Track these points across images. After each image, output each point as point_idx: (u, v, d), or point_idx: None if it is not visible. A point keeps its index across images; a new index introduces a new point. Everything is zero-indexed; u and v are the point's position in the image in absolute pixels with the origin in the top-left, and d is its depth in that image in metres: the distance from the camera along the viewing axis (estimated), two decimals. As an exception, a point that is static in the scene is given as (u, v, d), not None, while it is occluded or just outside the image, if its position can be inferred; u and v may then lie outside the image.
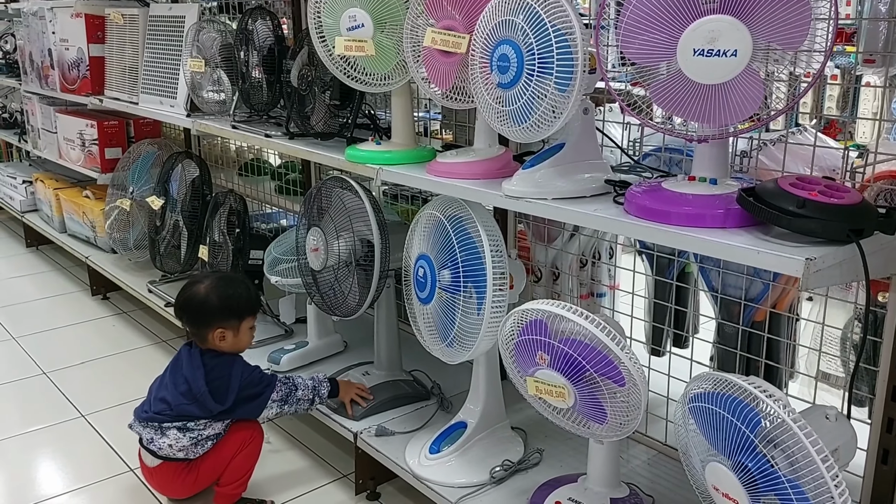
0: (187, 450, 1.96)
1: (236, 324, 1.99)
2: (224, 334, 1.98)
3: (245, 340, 2.03)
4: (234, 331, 1.99)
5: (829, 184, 1.23)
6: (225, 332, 1.98)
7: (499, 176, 1.68)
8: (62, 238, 4.01)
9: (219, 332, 1.97)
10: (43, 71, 3.91)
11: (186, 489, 2.03)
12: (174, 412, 1.94)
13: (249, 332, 2.04)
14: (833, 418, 1.30)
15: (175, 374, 1.99)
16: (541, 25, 1.38)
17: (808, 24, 1.14)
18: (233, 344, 2.00)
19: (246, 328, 2.02)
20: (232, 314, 1.98)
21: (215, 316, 1.97)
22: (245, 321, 2.01)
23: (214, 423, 1.98)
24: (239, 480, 2.02)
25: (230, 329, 1.98)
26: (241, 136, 2.51)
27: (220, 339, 1.97)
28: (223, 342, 1.98)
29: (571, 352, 1.45)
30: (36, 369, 2.92)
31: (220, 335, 1.97)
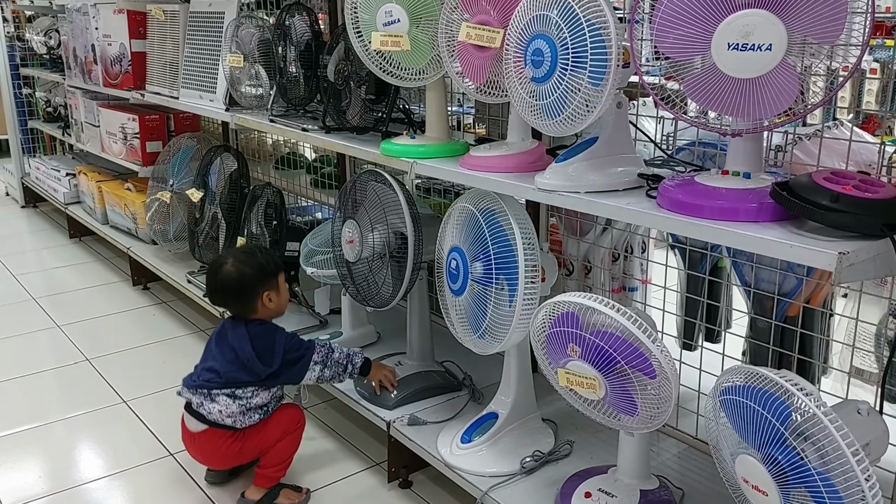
0: (235, 417, 2.00)
1: (275, 282, 2.09)
2: (270, 295, 2.07)
3: (286, 295, 2.15)
4: (276, 290, 2.09)
5: (863, 178, 1.23)
6: (270, 293, 2.07)
7: (532, 169, 1.69)
8: (104, 229, 4.11)
9: (266, 296, 2.06)
10: (86, 66, 4.01)
11: (227, 459, 2.09)
12: (223, 379, 2.00)
13: (286, 286, 2.16)
14: (865, 413, 1.30)
15: (221, 344, 2.05)
16: (575, 20, 1.39)
17: (843, 18, 1.13)
18: (278, 302, 2.10)
19: (283, 283, 2.13)
20: (270, 275, 2.08)
21: (257, 283, 2.06)
22: (280, 277, 2.11)
23: (261, 392, 2.03)
24: (281, 465, 2.08)
25: (273, 289, 2.08)
26: (278, 130, 2.56)
27: (269, 301, 2.07)
28: (271, 303, 2.08)
29: (603, 344, 1.47)
30: (79, 356, 3.01)
31: (268, 297, 2.07)
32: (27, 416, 2.56)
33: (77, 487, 2.19)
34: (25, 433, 2.47)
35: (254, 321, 2.07)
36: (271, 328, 2.08)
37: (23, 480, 2.22)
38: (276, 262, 2.12)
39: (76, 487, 2.19)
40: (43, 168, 4.95)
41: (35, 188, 5.11)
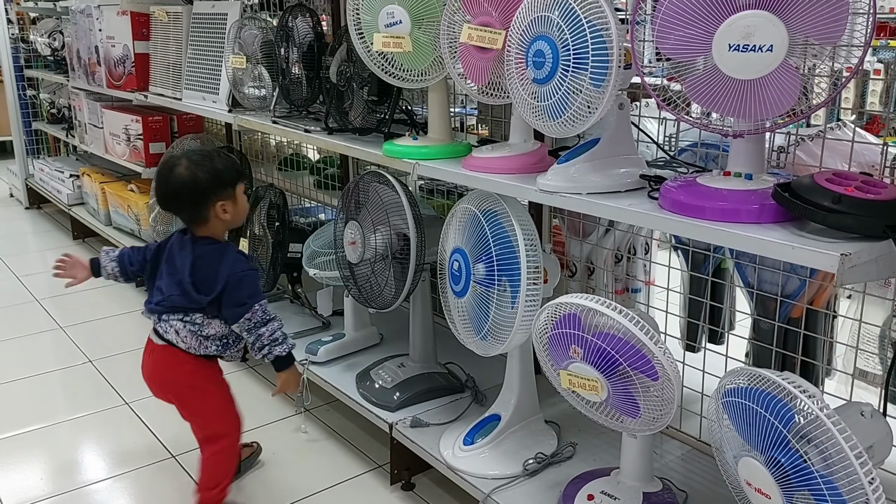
0: (189, 342, 1.91)
1: (232, 192, 1.90)
2: (225, 206, 1.89)
3: (243, 206, 1.95)
4: (232, 200, 1.90)
5: (865, 179, 1.22)
6: (225, 203, 1.88)
7: (534, 171, 1.69)
8: (107, 230, 4.12)
9: (220, 206, 1.88)
10: (90, 67, 4.02)
11: (169, 386, 2.00)
12: (168, 303, 1.91)
13: (244, 197, 1.96)
14: (868, 415, 1.29)
15: (170, 262, 1.94)
16: (576, 21, 1.39)
17: (844, 19, 1.13)
18: (234, 213, 1.92)
19: (241, 193, 1.93)
20: (226, 182, 1.89)
21: (210, 191, 1.86)
22: (238, 187, 1.92)
23: (213, 322, 1.91)
24: (217, 486, 1.98)
25: (229, 199, 1.89)
26: (281, 132, 2.56)
27: (223, 212, 1.88)
28: (226, 215, 1.89)
29: (605, 346, 1.46)
30: (82, 357, 3.01)
31: (222, 208, 1.88)
32: (30, 418, 2.56)
33: (79, 489, 2.19)
34: (28, 434, 2.48)
35: (203, 239, 1.91)
36: (218, 252, 1.90)
37: (25, 482, 2.23)
38: (236, 170, 1.93)
39: (78, 489, 2.19)
40: (47, 169, 4.96)
41: (39, 189, 5.13)
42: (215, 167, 1.87)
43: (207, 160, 1.88)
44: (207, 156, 1.90)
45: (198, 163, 1.86)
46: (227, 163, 1.91)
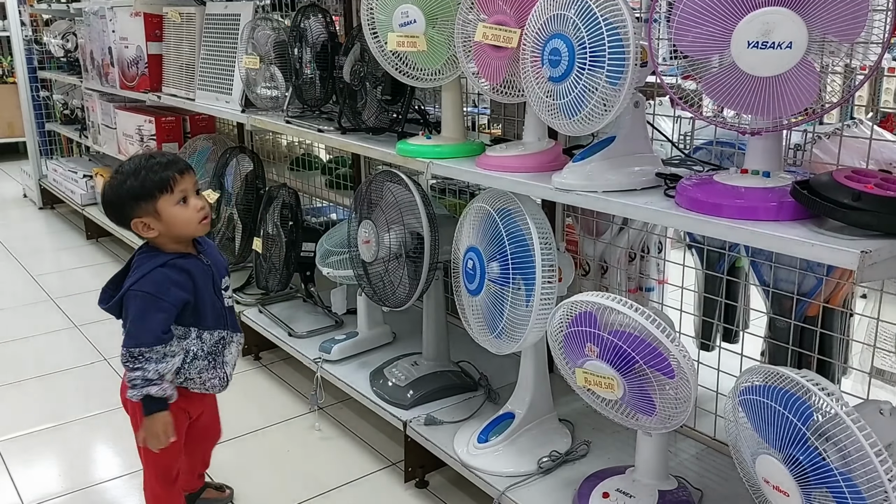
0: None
1: (151, 208, 1.65)
2: (146, 223, 1.67)
3: (181, 218, 1.68)
4: (153, 216, 1.66)
5: (885, 177, 1.22)
6: (145, 220, 1.67)
7: (549, 169, 1.69)
8: (121, 230, 4.13)
9: (139, 224, 1.68)
10: (103, 68, 4.04)
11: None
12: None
13: (180, 208, 1.68)
14: (887, 413, 1.29)
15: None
16: (593, 20, 1.39)
17: (864, 16, 1.13)
18: (164, 227, 1.68)
19: (169, 206, 1.66)
20: (139, 200, 1.66)
21: (124, 209, 1.67)
22: (162, 198, 1.65)
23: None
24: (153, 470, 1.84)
25: (149, 216, 1.66)
26: (294, 131, 2.57)
27: (147, 228, 1.68)
28: (151, 231, 1.68)
29: (621, 343, 1.46)
30: (97, 356, 3.03)
31: (144, 225, 1.68)
32: (46, 415, 2.58)
33: (96, 486, 2.21)
34: (44, 432, 2.50)
35: (143, 247, 1.74)
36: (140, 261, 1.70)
37: (42, 479, 2.24)
38: (158, 181, 1.65)
39: (95, 486, 2.21)
40: (60, 170, 4.99)
41: (52, 190, 5.16)
42: (125, 185, 1.66)
43: (121, 176, 1.67)
44: (127, 171, 1.67)
45: (113, 180, 1.69)
46: (146, 176, 1.65)
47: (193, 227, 1.71)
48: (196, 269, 1.74)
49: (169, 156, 1.73)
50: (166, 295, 1.66)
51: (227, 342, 1.83)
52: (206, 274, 1.76)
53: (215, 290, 1.78)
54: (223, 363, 1.82)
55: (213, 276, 1.78)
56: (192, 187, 1.71)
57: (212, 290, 1.77)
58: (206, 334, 1.77)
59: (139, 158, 1.71)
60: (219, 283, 1.80)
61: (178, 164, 1.71)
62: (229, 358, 1.84)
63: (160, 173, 1.66)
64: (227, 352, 1.83)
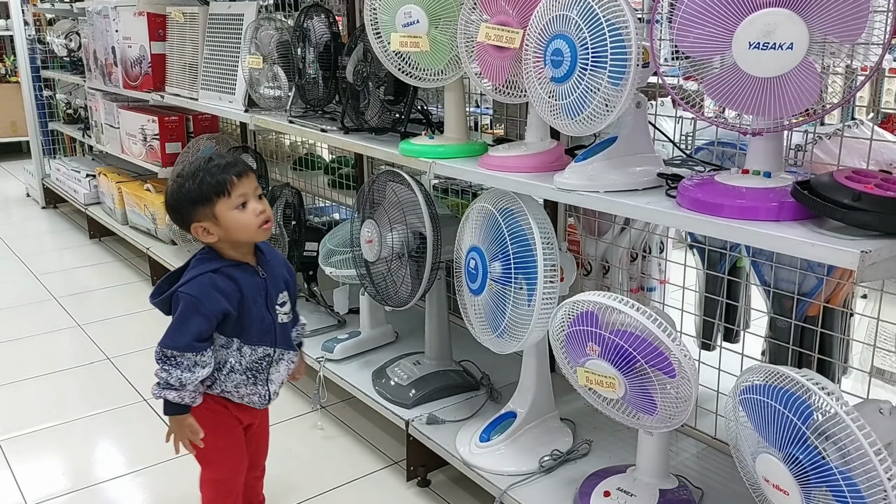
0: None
1: (209, 212, 1.62)
2: (205, 227, 1.64)
3: (242, 221, 1.63)
4: (212, 221, 1.63)
5: (885, 177, 1.23)
6: (204, 224, 1.64)
7: (551, 169, 1.70)
8: (124, 230, 4.16)
9: (199, 229, 1.64)
10: (106, 68, 4.05)
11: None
12: None
13: (238, 212, 1.63)
14: (887, 412, 1.29)
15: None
16: (595, 20, 1.40)
17: (865, 17, 1.13)
18: (222, 231, 1.64)
19: (227, 210, 1.62)
20: (197, 204, 1.63)
21: (184, 215, 1.65)
22: (220, 202, 1.62)
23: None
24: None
25: (207, 220, 1.63)
26: (297, 131, 2.58)
27: (206, 233, 1.64)
28: (210, 236, 1.64)
29: (623, 343, 1.47)
30: (100, 355, 3.04)
31: (203, 230, 1.64)
32: (49, 415, 2.59)
33: (98, 485, 2.22)
34: (47, 431, 2.51)
35: (201, 253, 1.69)
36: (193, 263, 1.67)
37: (45, 477, 2.25)
38: (215, 184, 1.62)
39: (97, 485, 2.22)
40: (63, 169, 5.01)
41: (56, 189, 5.18)
42: (183, 189, 1.64)
43: (181, 180, 1.66)
44: (186, 175, 1.65)
45: (174, 184, 1.67)
46: (203, 179, 1.63)
47: (252, 232, 1.65)
48: (247, 280, 1.67)
49: (229, 158, 1.68)
50: (208, 301, 1.60)
51: (273, 360, 1.74)
52: (258, 287, 1.68)
53: (267, 305, 1.70)
54: (266, 380, 1.74)
55: (266, 291, 1.70)
56: (252, 191, 1.65)
57: (262, 305, 1.69)
58: (246, 349, 1.69)
59: (199, 161, 1.67)
60: (273, 297, 1.72)
61: (236, 166, 1.65)
62: (276, 376, 1.76)
63: (218, 176, 1.63)
64: (274, 370, 1.75)
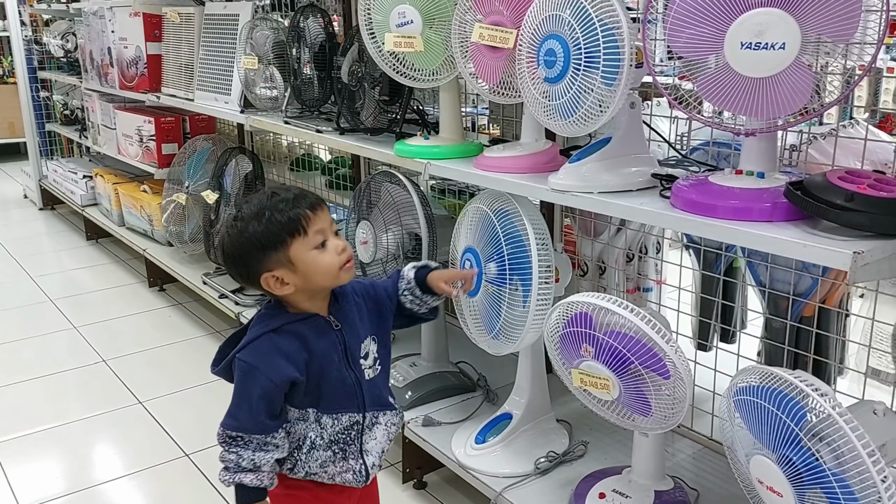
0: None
1: (281, 256, 1.32)
2: (278, 276, 1.33)
3: (323, 263, 1.34)
4: (287, 267, 1.32)
5: (878, 177, 1.22)
6: (276, 273, 1.33)
7: (545, 170, 1.69)
8: (121, 231, 4.15)
9: (270, 279, 1.33)
10: (102, 69, 4.05)
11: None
12: None
13: (318, 253, 1.33)
14: (881, 413, 1.29)
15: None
16: (587, 20, 1.39)
17: (857, 17, 1.13)
18: (306, 280, 1.34)
19: (304, 251, 1.32)
20: (268, 249, 1.32)
21: (252, 264, 1.34)
22: (294, 243, 1.32)
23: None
24: None
25: (280, 267, 1.32)
26: (292, 132, 2.57)
27: (279, 283, 1.34)
28: (285, 286, 1.34)
29: (616, 344, 1.46)
30: (96, 357, 3.03)
31: (276, 280, 1.33)
32: (44, 417, 2.59)
33: (93, 488, 2.21)
34: (43, 433, 2.50)
35: (265, 309, 1.42)
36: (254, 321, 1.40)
37: (40, 480, 2.25)
38: (286, 219, 1.32)
39: (93, 487, 2.21)
40: (60, 170, 5.00)
41: (52, 190, 5.17)
42: (247, 233, 1.32)
43: (241, 223, 1.34)
44: (248, 216, 1.34)
45: (231, 229, 1.35)
46: (271, 217, 1.32)
47: (335, 275, 1.36)
48: (317, 336, 1.37)
49: (295, 190, 1.39)
50: (269, 369, 1.32)
51: (364, 427, 1.42)
52: (333, 343, 1.38)
53: (349, 362, 1.40)
54: (360, 452, 1.42)
55: (344, 345, 1.39)
56: (329, 226, 1.37)
57: (340, 363, 1.39)
58: (326, 419, 1.39)
59: (261, 197, 1.37)
60: (355, 350, 1.41)
61: (307, 198, 1.36)
62: (371, 445, 1.43)
63: (289, 212, 1.33)
64: (368, 437, 1.43)
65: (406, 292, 1.51)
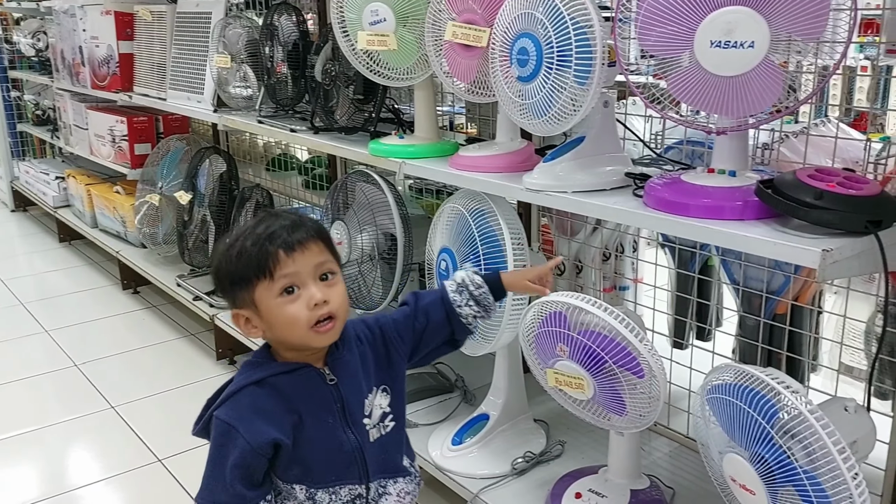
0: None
1: (247, 295, 1.15)
2: (245, 317, 1.18)
3: (285, 315, 1.14)
4: (251, 308, 1.16)
5: (847, 175, 1.22)
6: (244, 313, 1.18)
7: (520, 169, 1.68)
8: (93, 233, 4.09)
9: (241, 319, 1.19)
10: (74, 68, 3.99)
11: None
12: None
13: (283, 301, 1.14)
14: (852, 410, 1.30)
15: None
16: (560, 19, 1.39)
17: (826, 15, 1.13)
18: (270, 329, 1.17)
19: (269, 297, 1.14)
20: (235, 287, 1.16)
21: (223, 291, 1.21)
22: (259, 285, 1.14)
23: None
24: None
25: (247, 308, 1.17)
26: (266, 131, 2.54)
27: (250, 327, 1.19)
28: (254, 329, 1.18)
29: (591, 343, 1.46)
30: (68, 361, 2.98)
31: (246, 323, 1.19)
32: (16, 422, 2.54)
33: (66, 493, 2.18)
34: (14, 439, 2.45)
35: (251, 359, 1.24)
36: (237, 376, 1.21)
37: (12, 486, 2.21)
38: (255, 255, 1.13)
39: (65, 493, 2.18)
40: (32, 171, 4.93)
41: (24, 192, 5.09)
42: (222, 261, 1.18)
43: (223, 246, 1.19)
44: (231, 240, 1.18)
45: (218, 252, 1.22)
46: (242, 248, 1.15)
47: (302, 333, 1.15)
48: (305, 393, 1.18)
49: (292, 217, 1.19)
50: (248, 430, 1.13)
51: (369, 500, 1.22)
52: (326, 400, 1.19)
53: (347, 423, 1.20)
54: None
55: (342, 403, 1.20)
56: (308, 270, 1.15)
57: (335, 424, 1.19)
58: (321, 495, 1.18)
59: (253, 222, 1.19)
60: (355, 410, 1.21)
61: (293, 233, 1.15)
62: None
63: (259, 247, 1.13)
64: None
65: (470, 303, 1.32)
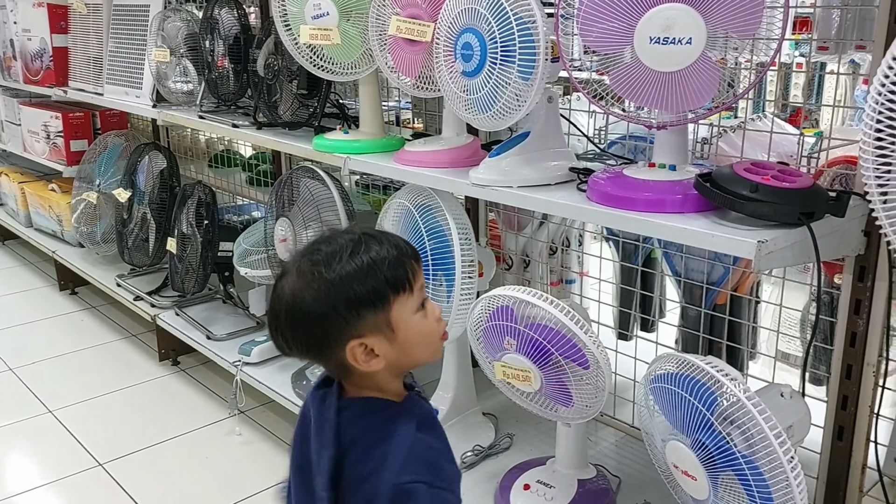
0: None
1: (381, 317, 1.01)
2: (366, 344, 1.02)
3: (422, 333, 1.05)
4: (383, 333, 1.02)
5: (782, 168, 1.26)
6: (368, 340, 1.02)
7: (466, 164, 1.69)
8: (28, 233, 3.95)
9: (356, 349, 1.02)
10: (5, 62, 3.85)
11: None
12: None
13: (419, 317, 1.05)
14: (788, 396, 1.34)
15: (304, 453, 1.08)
16: (503, 14, 1.39)
17: (760, 13, 1.16)
18: (402, 352, 1.04)
19: (408, 313, 1.03)
20: (363, 303, 1.00)
21: (334, 324, 1.01)
22: (397, 302, 1.02)
23: None
24: None
25: (376, 334, 1.02)
26: (208, 127, 2.49)
27: (369, 356, 1.02)
28: (374, 359, 1.02)
29: (538, 336, 1.47)
30: (2, 366, 2.88)
31: (364, 351, 1.02)
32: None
33: (3, 501, 2.10)
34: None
35: (355, 403, 1.06)
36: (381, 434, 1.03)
37: (-58, 497, 2.12)
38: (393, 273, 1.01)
39: (2, 501, 2.10)
40: (-38, 169, 4.73)
41: (-46, 190, 4.88)
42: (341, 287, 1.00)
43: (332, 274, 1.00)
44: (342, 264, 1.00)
45: (311, 280, 1.01)
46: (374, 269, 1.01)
47: (436, 348, 1.08)
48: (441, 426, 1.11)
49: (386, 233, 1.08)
50: (449, 480, 1.02)
51: None
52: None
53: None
54: None
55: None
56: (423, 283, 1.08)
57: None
58: None
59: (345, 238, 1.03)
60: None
61: (407, 244, 1.07)
62: None
63: (393, 261, 1.02)
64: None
65: None
